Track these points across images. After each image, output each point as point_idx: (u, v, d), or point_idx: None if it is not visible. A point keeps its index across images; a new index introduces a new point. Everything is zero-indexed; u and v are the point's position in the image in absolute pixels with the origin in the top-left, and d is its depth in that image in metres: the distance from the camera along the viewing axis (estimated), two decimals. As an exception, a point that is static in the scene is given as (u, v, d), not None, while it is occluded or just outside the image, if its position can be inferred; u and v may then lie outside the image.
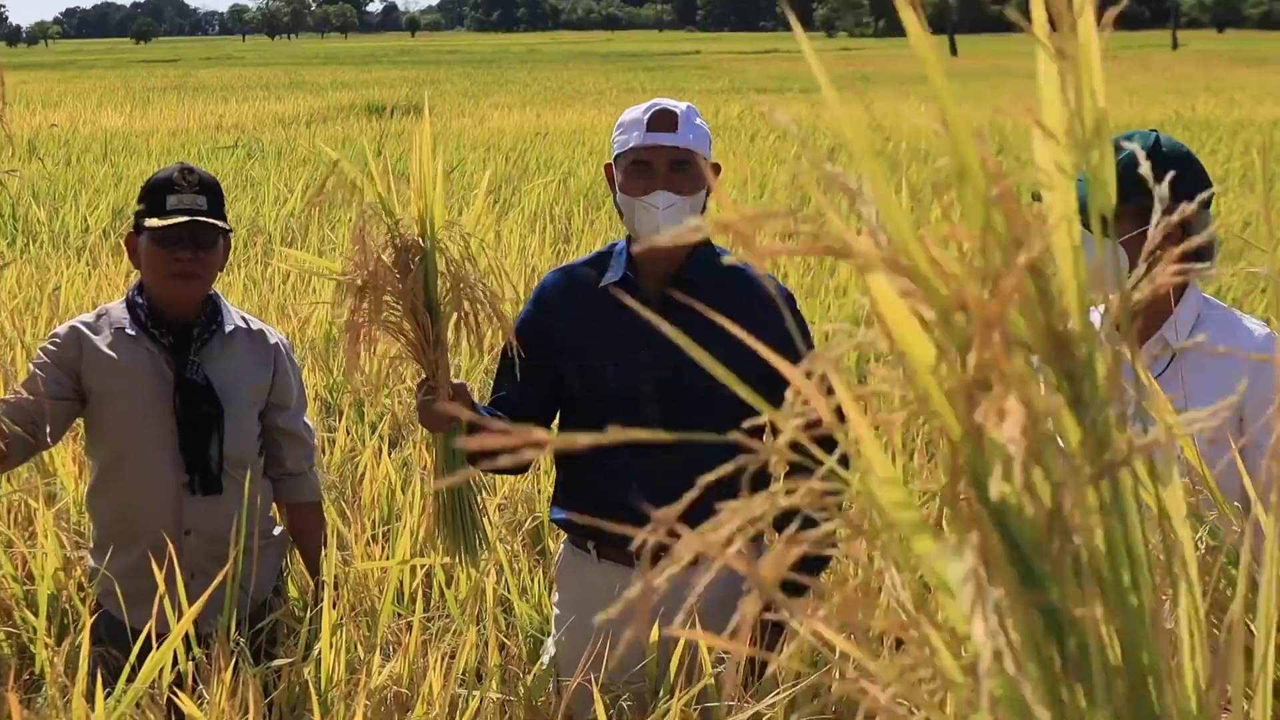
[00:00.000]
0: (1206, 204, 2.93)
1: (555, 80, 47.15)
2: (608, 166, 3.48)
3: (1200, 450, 2.01)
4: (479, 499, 3.40)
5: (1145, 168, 1.26)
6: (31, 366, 3.71)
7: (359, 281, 3.10)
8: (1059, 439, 0.99)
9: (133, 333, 3.70)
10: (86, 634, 3.05)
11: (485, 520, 3.49)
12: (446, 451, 3.26)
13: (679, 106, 3.36)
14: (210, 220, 3.65)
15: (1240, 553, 1.76)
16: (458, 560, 3.40)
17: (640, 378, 3.36)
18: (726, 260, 3.41)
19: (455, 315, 3.21)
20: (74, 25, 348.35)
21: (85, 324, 3.74)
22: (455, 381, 3.25)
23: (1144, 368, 1.13)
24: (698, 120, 3.41)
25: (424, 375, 3.24)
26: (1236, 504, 2.00)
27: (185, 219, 3.60)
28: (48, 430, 3.56)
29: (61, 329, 3.76)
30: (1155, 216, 1.22)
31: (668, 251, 3.35)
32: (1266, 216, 1.56)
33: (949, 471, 0.97)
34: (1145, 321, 2.94)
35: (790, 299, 3.46)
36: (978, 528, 0.92)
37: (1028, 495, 0.94)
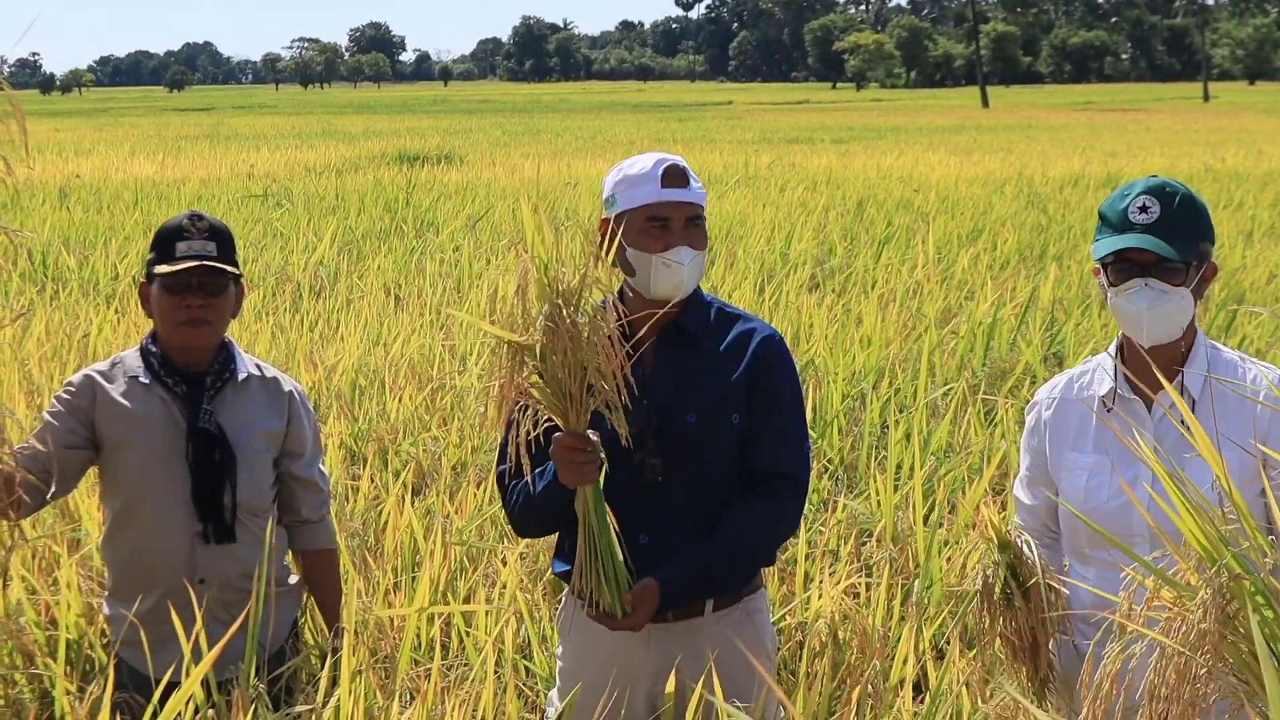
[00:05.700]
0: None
1: (587, 130, 47.25)
2: (604, 221, 3.39)
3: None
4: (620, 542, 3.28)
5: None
6: (46, 415, 3.73)
7: (532, 341, 2.99)
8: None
9: (146, 381, 3.72)
10: (110, 680, 3.06)
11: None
12: (597, 498, 3.17)
13: (681, 161, 3.36)
14: (219, 265, 3.67)
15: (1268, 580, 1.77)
16: (613, 602, 3.15)
17: (636, 423, 3.31)
18: (719, 309, 3.45)
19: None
20: (108, 73, 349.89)
21: (99, 372, 3.76)
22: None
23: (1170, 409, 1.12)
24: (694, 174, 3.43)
25: (562, 430, 3.11)
26: (1273, 536, 2.02)
27: (194, 264, 3.63)
28: (60, 479, 3.57)
29: (76, 378, 3.77)
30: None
31: (665, 302, 3.35)
32: None
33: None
34: (1163, 368, 2.99)
35: (782, 347, 3.43)
36: None
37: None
